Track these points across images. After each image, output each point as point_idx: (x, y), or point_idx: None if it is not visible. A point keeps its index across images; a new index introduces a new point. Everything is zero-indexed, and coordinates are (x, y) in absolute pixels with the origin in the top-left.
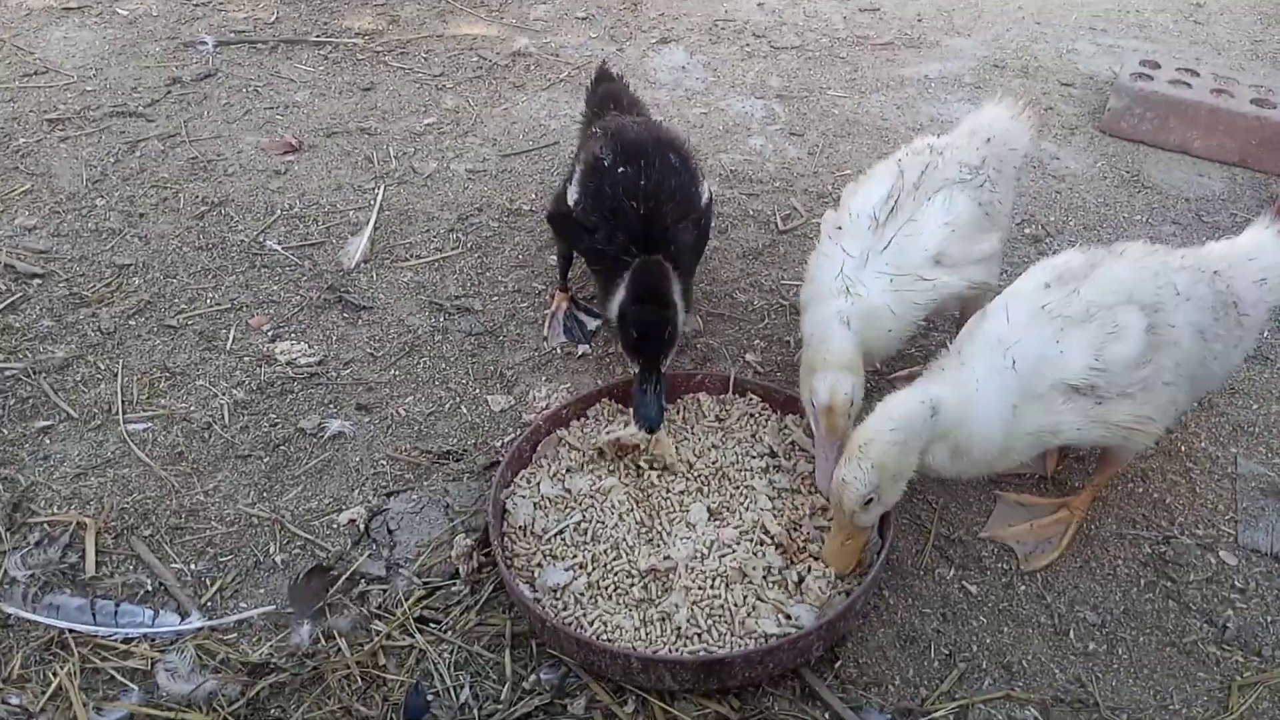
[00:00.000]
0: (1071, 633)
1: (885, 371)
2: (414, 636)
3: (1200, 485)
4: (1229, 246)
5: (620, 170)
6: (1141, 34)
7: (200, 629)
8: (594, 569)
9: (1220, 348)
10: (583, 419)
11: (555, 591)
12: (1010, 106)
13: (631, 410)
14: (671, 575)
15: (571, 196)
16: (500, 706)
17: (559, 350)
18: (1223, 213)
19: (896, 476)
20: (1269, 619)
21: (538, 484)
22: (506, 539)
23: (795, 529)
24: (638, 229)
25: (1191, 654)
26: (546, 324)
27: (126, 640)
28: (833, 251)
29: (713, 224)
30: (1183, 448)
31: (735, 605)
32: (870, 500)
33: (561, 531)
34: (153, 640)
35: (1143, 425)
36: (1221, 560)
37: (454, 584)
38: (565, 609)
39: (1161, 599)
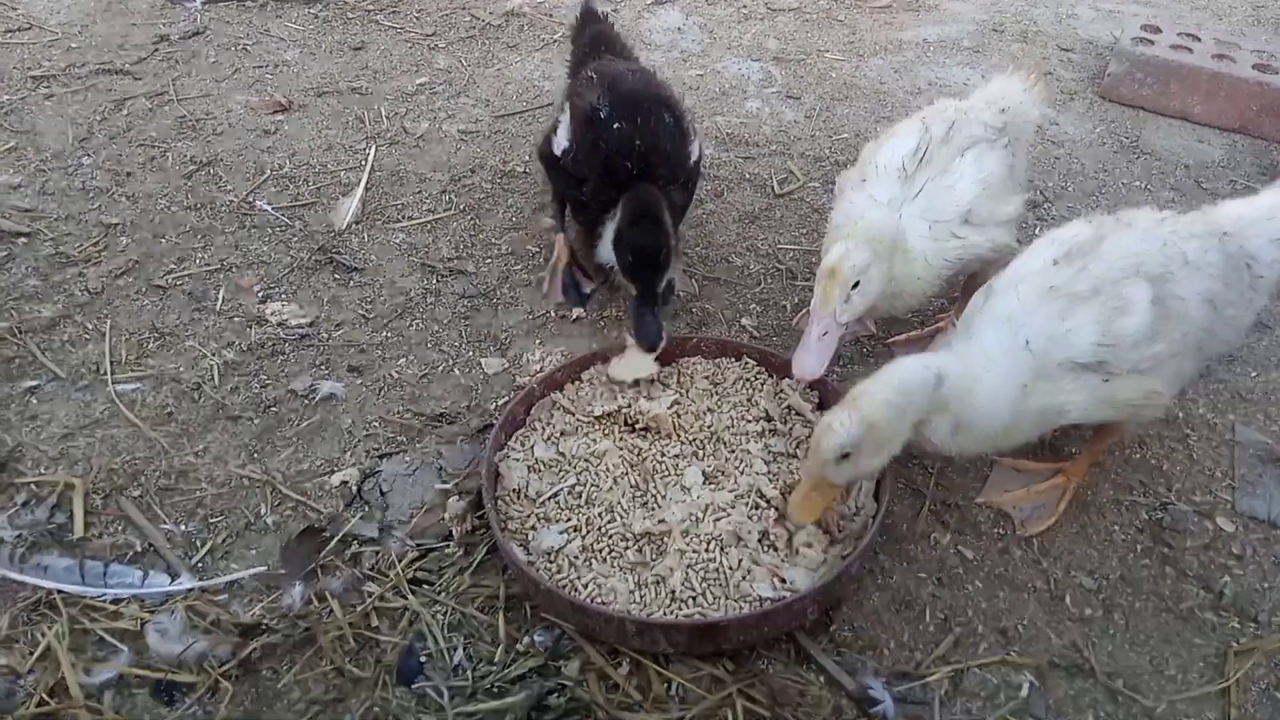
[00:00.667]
0: (1068, 598)
1: (883, 336)
2: (407, 598)
3: (1198, 452)
4: (1245, 205)
5: (615, 126)
6: None
7: (191, 590)
8: (588, 532)
9: (1231, 313)
10: (577, 382)
11: (549, 554)
12: (1023, 78)
13: (631, 331)
14: (666, 539)
15: (560, 144)
16: (494, 668)
17: (553, 313)
18: (1222, 179)
19: (881, 442)
20: (1265, 585)
21: (531, 447)
22: (500, 502)
23: (790, 493)
24: (628, 184)
25: (1188, 620)
26: (547, 280)
27: (116, 601)
28: (860, 200)
29: (700, 182)
30: (1180, 414)
31: (730, 569)
32: (848, 455)
33: (556, 495)
34: (142, 601)
35: (1150, 400)
36: (1219, 526)
37: (447, 546)
38: (559, 572)
39: (1158, 565)
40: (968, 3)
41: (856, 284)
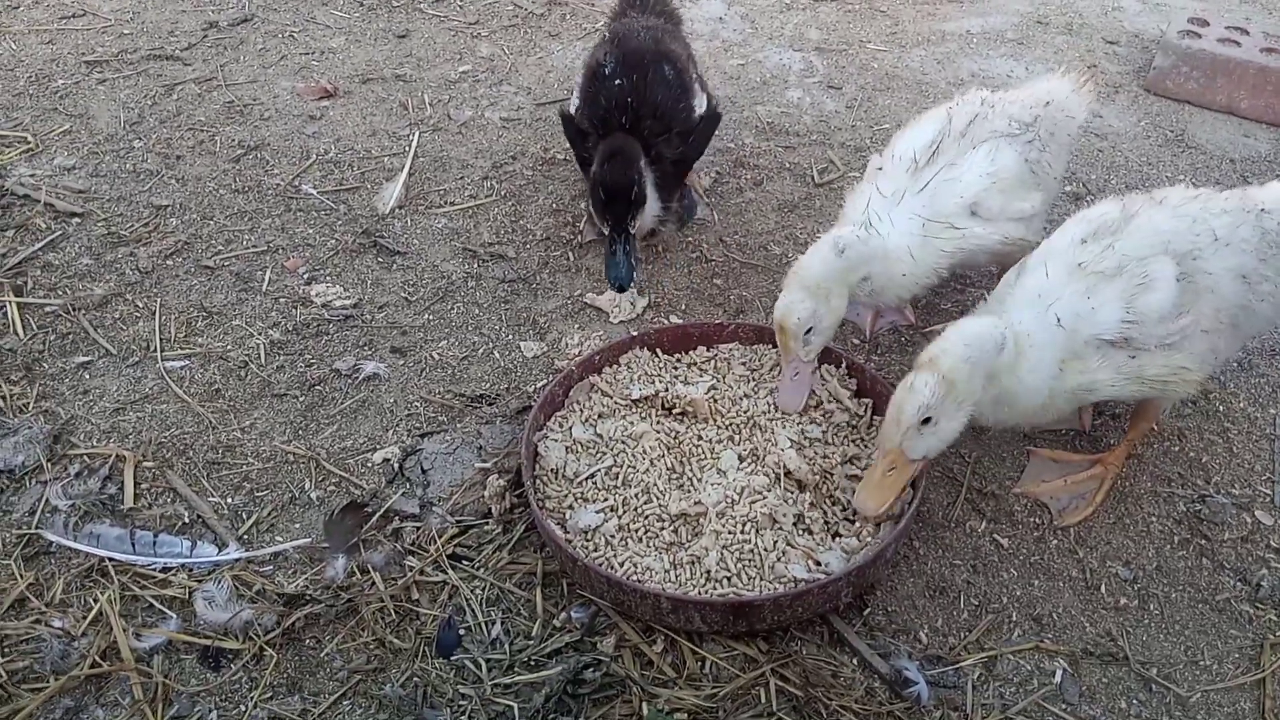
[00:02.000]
0: (1103, 587)
1: (921, 326)
2: (446, 573)
3: (1238, 445)
4: None
5: (616, 82)
6: None
7: (237, 560)
8: (624, 512)
9: (1269, 288)
10: (615, 366)
11: (586, 533)
12: (1073, 80)
13: (603, 270)
14: (702, 520)
15: (573, 103)
16: (531, 643)
17: (587, 286)
18: (1269, 174)
19: (960, 400)
20: None
21: (570, 428)
22: (538, 481)
23: (826, 477)
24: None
25: (1224, 611)
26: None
27: (165, 569)
28: (866, 189)
29: (713, 135)
30: (1221, 407)
31: (765, 550)
32: (929, 420)
33: (593, 475)
34: (190, 570)
35: (1179, 376)
36: (1257, 520)
37: (486, 523)
38: (596, 550)
39: (1195, 556)
40: None
41: (810, 329)
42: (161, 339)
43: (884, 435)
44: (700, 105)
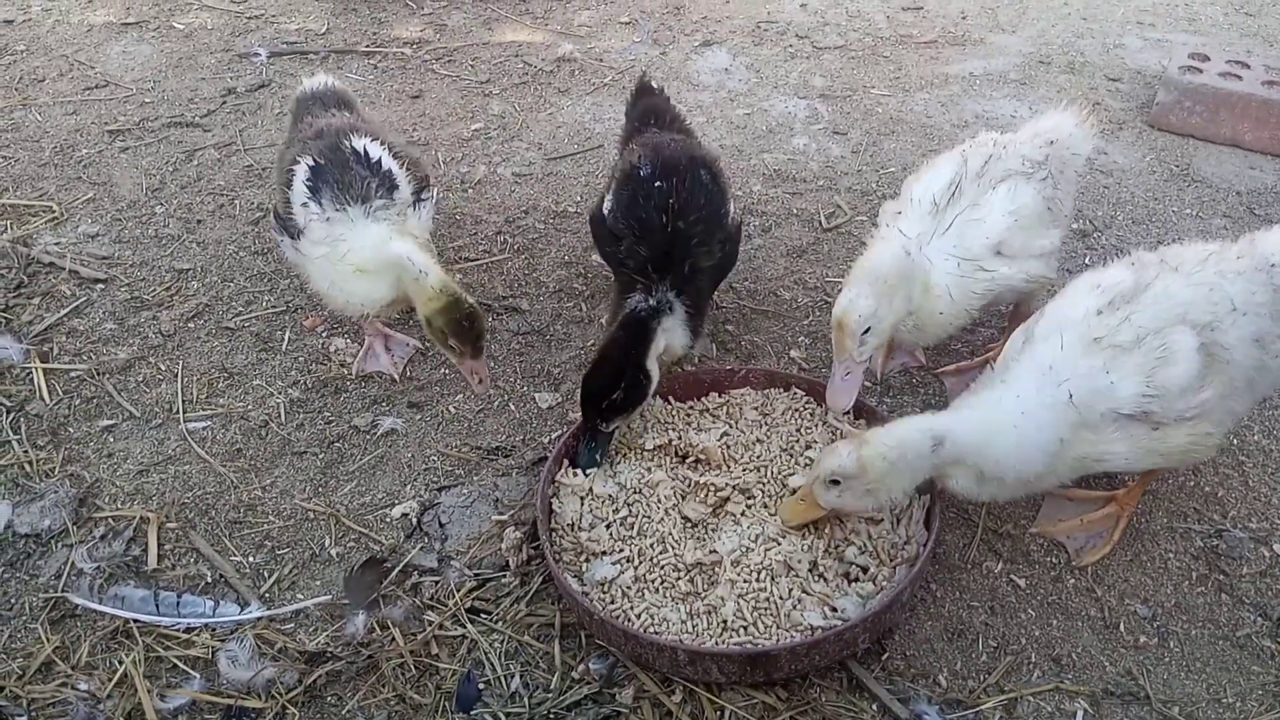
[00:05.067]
0: (1122, 626)
1: (931, 367)
2: (465, 626)
3: (1254, 479)
4: None
5: (656, 184)
6: (1190, 27)
7: (259, 619)
8: (640, 563)
9: None
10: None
11: (603, 585)
12: (1075, 113)
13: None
14: (717, 569)
15: (607, 204)
16: (550, 695)
17: None
18: (1275, 205)
19: (870, 488)
20: None
21: (586, 480)
22: (554, 533)
23: (839, 523)
24: (661, 244)
25: (1245, 648)
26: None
27: (188, 630)
28: (890, 235)
29: (749, 218)
30: (1235, 441)
31: (781, 598)
32: (837, 483)
33: (609, 526)
34: (213, 629)
35: (1200, 443)
36: (1275, 553)
37: (504, 576)
38: (613, 602)
39: (1214, 592)
40: (1014, 35)
41: (868, 329)
42: (184, 400)
43: (811, 470)
44: (733, 211)
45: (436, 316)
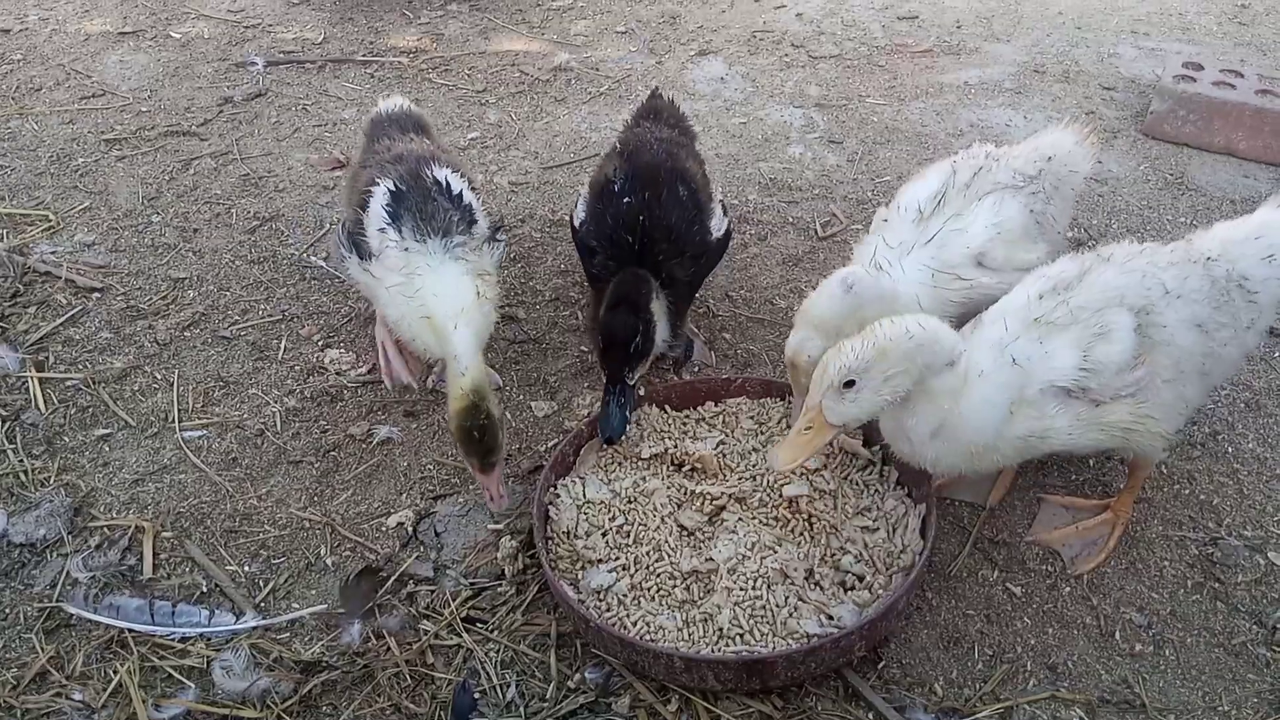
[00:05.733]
0: (1117, 634)
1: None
2: (461, 636)
3: (1248, 486)
4: (1229, 228)
5: (625, 200)
6: (1184, 36)
7: (254, 628)
8: (636, 571)
9: (1228, 334)
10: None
11: (599, 593)
12: (1077, 132)
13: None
14: (713, 577)
15: (579, 216)
16: (546, 704)
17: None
18: None
19: (888, 377)
20: None
21: (582, 488)
22: (550, 541)
23: (835, 531)
24: (630, 260)
25: (1240, 655)
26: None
27: (183, 639)
28: (873, 240)
29: (743, 227)
30: (1230, 449)
31: (777, 606)
32: (851, 384)
33: (605, 534)
34: (208, 639)
35: (1142, 425)
36: (1270, 561)
37: (500, 585)
38: (609, 610)
39: (1209, 600)
40: (1008, 45)
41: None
42: (179, 410)
43: (810, 392)
44: (718, 226)
45: (454, 418)
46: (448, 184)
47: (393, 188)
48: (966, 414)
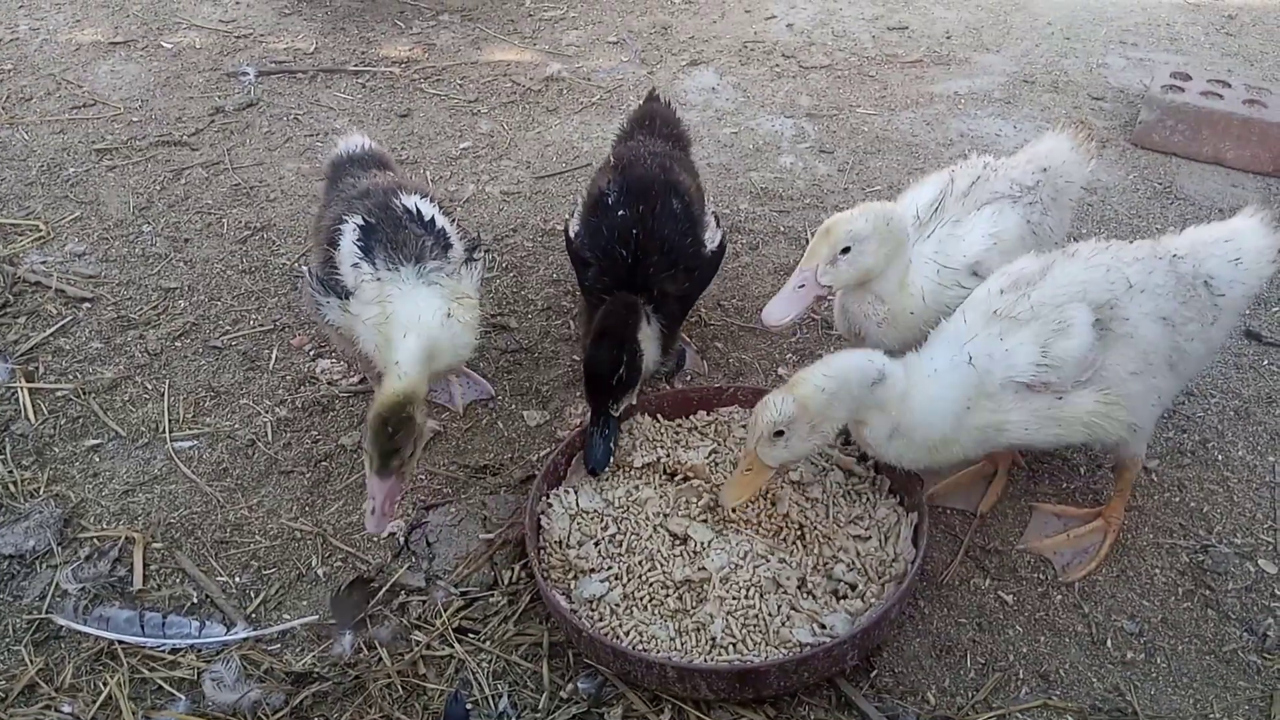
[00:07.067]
0: (1109, 642)
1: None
2: (453, 646)
3: (1238, 494)
4: (1201, 230)
5: (619, 213)
6: (1172, 47)
7: (245, 639)
8: (629, 580)
9: (1195, 328)
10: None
11: (591, 603)
12: (1071, 136)
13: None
14: (706, 586)
15: (574, 228)
16: (538, 715)
17: None
18: None
19: (814, 425)
20: None
21: (574, 497)
22: (543, 551)
23: (827, 540)
24: (624, 274)
25: (1231, 663)
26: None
27: (174, 651)
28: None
29: (735, 237)
30: (1220, 456)
31: (770, 615)
32: (781, 433)
33: (597, 543)
34: (199, 651)
35: (1108, 414)
36: (1261, 568)
37: (492, 595)
38: (601, 620)
39: (1200, 608)
40: (998, 55)
41: (847, 249)
42: (170, 420)
43: (746, 439)
44: (712, 240)
45: (375, 407)
46: (418, 210)
47: (362, 222)
48: (917, 412)
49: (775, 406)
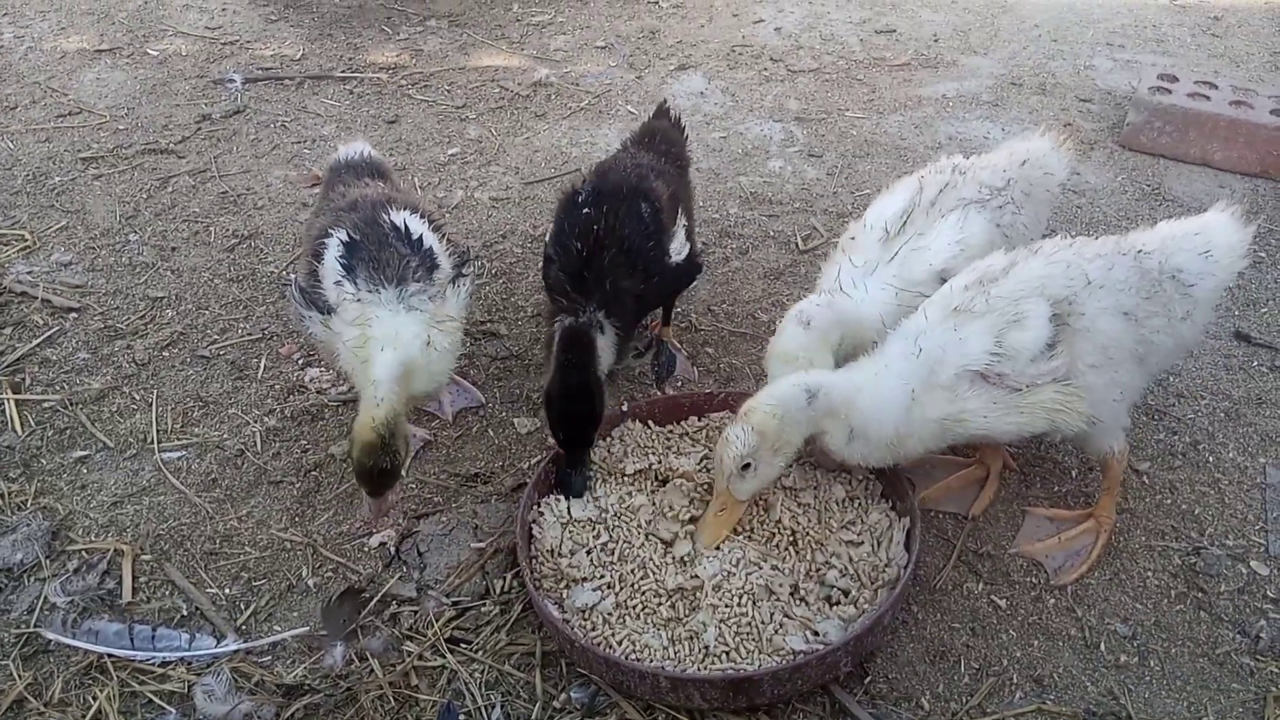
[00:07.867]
0: (1102, 645)
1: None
2: (445, 657)
3: (1229, 496)
4: (1172, 225)
5: (584, 210)
6: (1159, 48)
7: (235, 651)
8: (621, 589)
9: (1161, 322)
10: (608, 439)
11: (584, 612)
12: (1053, 139)
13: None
14: (699, 594)
15: (550, 231)
16: None
17: None
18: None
19: (776, 449)
20: None
21: (565, 505)
22: (535, 560)
23: (820, 546)
24: (579, 268)
25: (1224, 665)
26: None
27: (164, 664)
28: (839, 259)
29: (685, 288)
30: (1210, 458)
31: (763, 622)
32: (748, 466)
33: (589, 552)
34: (189, 663)
35: (1069, 405)
36: (1253, 570)
37: (484, 604)
38: (594, 629)
39: (1193, 610)
40: (985, 58)
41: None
42: (158, 430)
43: (715, 479)
44: (678, 252)
45: (356, 448)
46: (406, 228)
47: (345, 238)
48: (867, 411)
49: (738, 440)
